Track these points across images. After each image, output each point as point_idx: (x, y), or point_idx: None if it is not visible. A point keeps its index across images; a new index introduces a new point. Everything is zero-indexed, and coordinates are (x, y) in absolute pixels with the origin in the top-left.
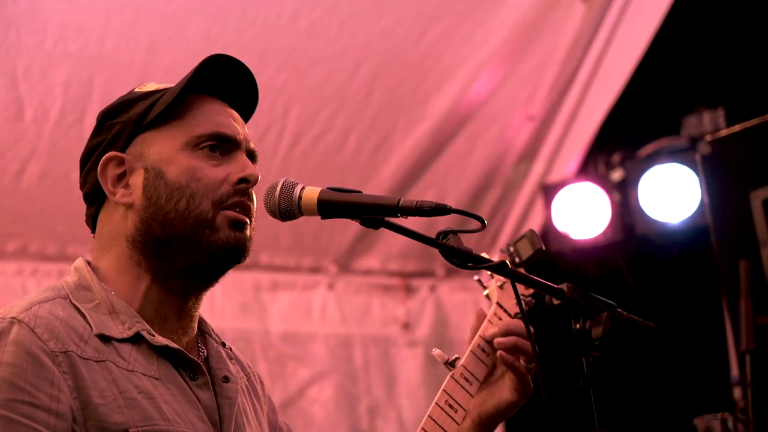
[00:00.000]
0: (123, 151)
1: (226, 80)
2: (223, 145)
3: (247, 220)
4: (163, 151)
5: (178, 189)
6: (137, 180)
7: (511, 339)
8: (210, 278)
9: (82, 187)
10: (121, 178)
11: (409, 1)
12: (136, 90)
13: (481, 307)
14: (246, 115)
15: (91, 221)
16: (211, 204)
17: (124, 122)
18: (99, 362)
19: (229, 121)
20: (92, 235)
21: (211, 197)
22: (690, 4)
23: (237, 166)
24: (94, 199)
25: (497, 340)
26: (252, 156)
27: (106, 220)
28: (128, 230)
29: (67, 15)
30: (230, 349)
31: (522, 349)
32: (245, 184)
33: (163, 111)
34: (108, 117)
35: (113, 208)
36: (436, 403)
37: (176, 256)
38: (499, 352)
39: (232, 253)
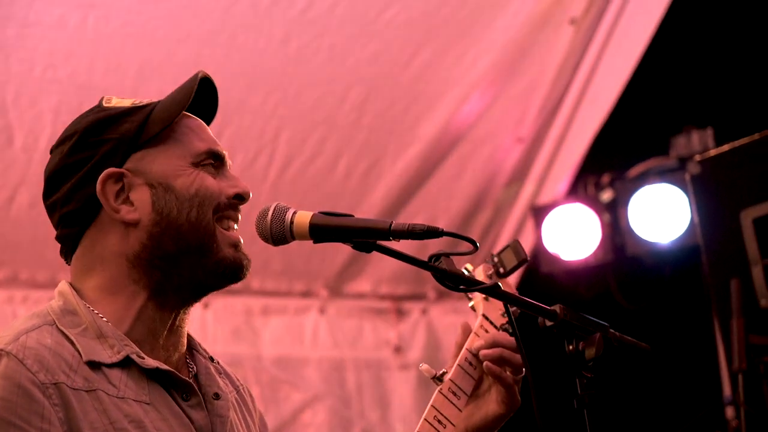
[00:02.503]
0: (119, 167)
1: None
2: (216, 162)
3: (241, 240)
4: (167, 167)
5: (188, 200)
6: (141, 196)
7: (496, 350)
8: (207, 293)
9: (60, 206)
10: (119, 194)
11: (398, 25)
12: (105, 105)
13: (466, 321)
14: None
15: (73, 241)
16: (212, 211)
17: (116, 139)
18: (89, 392)
19: (214, 137)
20: (62, 254)
21: (212, 205)
22: (677, 24)
23: (230, 181)
24: (80, 217)
25: (483, 352)
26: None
27: (97, 239)
28: (130, 248)
29: (55, 42)
30: (218, 363)
31: (508, 360)
32: (239, 200)
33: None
34: (92, 133)
35: (109, 226)
36: (425, 419)
37: (183, 272)
38: (485, 363)
39: (236, 272)
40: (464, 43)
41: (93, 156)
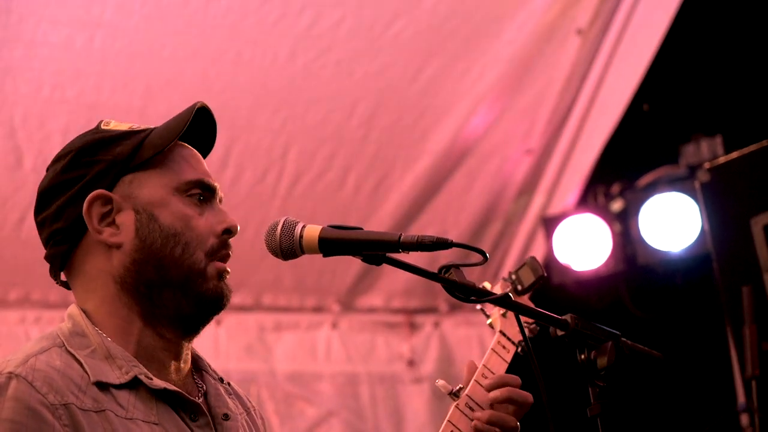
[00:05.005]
0: (109, 189)
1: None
2: (204, 193)
3: (228, 270)
4: (154, 194)
5: (173, 235)
6: (126, 220)
7: (504, 390)
8: (194, 327)
9: (50, 223)
10: (105, 216)
11: (405, 39)
12: (103, 127)
13: (472, 360)
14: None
15: (61, 259)
16: (204, 254)
17: (109, 161)
18: (98, 412)
19: (207, 169)
20: (51, 274)
21: (203, 248)
22: (685, 32)
23: (218, 216)
24: (69, 236)
25: (491, 395)
26: (220, 202)
27: (85, 258)
28: (115, 270)
29: (63, 62)
30: (228, 384)
31: (515, 400)
32: (229, 235)
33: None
34: (86, 153)
35: (94, 246)
36: None
37: (167, 302)
38: (474, 425)
39: (217, 303)
40: (471, 56)
41: (84, 175)
